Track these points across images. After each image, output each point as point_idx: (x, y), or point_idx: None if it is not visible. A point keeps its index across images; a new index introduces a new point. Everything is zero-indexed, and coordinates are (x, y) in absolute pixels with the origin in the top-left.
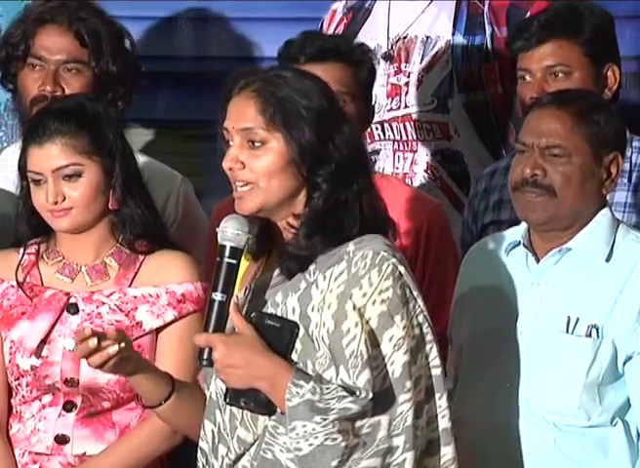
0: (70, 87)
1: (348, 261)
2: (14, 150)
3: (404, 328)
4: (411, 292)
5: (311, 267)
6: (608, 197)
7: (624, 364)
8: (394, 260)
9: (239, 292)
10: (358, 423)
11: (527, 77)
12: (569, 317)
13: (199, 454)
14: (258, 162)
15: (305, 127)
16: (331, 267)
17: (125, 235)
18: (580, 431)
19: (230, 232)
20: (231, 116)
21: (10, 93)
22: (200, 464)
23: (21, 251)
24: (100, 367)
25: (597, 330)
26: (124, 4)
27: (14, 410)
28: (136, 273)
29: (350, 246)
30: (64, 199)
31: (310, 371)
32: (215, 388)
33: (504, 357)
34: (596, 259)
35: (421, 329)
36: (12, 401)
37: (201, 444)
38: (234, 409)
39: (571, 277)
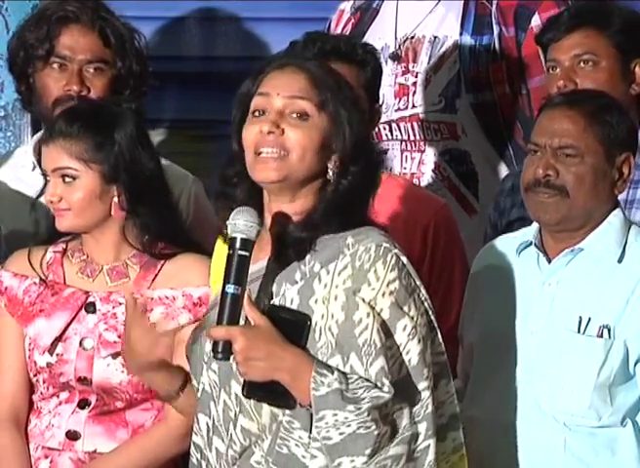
0: (94, 87)
1: (352, 255)
2: (26, 150)
3: (413, 317)
4: (414, 281)
5: (307, 257)
6: (630, 195)
7: (636, 364)
8: (396, 251)
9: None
10: (383, 411)
11: (555, 68)
12: (580, 317)
13: (192, 449)
14: (298, 132)
15: (355, 116)
16: (333, 261)
17: (139, 240)
18: (591, 431)
19: (242, 224)
20: (276, 84)
21: (20, 93)
22: (194, 459)
23: (50, 248)
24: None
25: (609, 330)
26: (131, 4)
27: (35, 406)
28: (156, 275)
29: (349, 239)
30: (61, 199)
31: None
32: (208, 380)
33: (515, 357)
34: (608, 260)
35: (428, 315)
36: (33, 397)
37: (195, 438)
38: (228, 400)
39: (582, 277)
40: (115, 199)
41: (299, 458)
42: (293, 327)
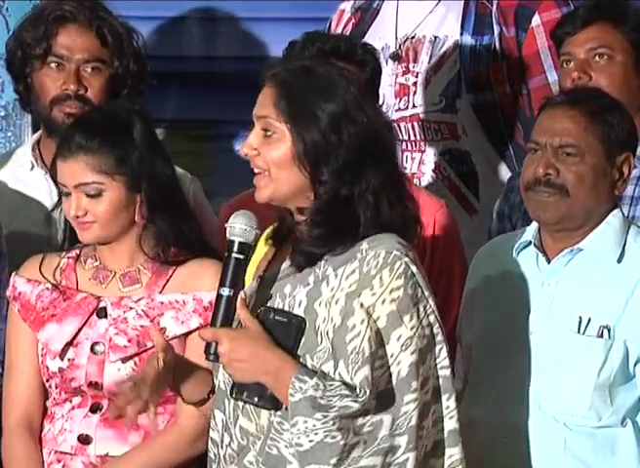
0: (92, 86)
1: (361, 260)
2: (25, 150)
3: (412, 328)
4: (422, 292)
5: (322, 261)
6: (636, 192)
7: (635, 365)
8: (407, 260)
9: (253, 281)
10: (360, 421)
11: (570, 62)
12: (580, 317)
13: (210, 445)
14: (269, 151)
15: (313, 126)
16: (343, 265)
17: (154, 249)
18: (591, 431)
19: (239, 228)
20: (256, 103)
21: (18, 93)
22: (212, 454)
23: (64, 254)
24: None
25: (609, 330)
26: (132, 4)
27: (48, 411)
28: (167, 280)
29: (364, 244)
30: (86, 213)
31: (309, 365)
32: (223, 378)
33: (515, 357)
34: (607, 260)
35: (432, 329)
36: (47, 402)
37: (212, 434)
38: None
39: (582, 277)
40: (138, 206)
41: (287, 459)
42: (286, 329)
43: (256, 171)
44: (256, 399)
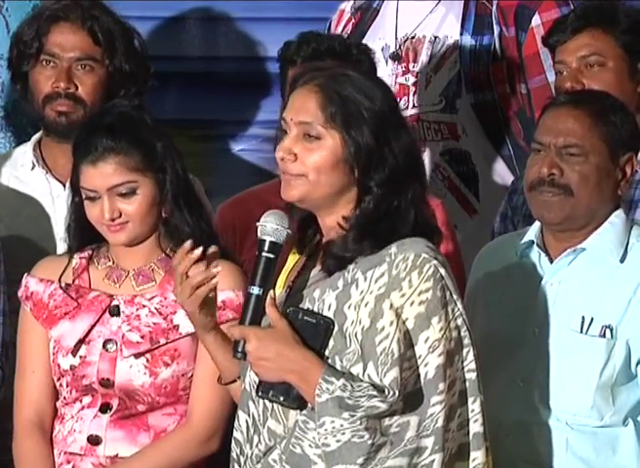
0: (83, 84)
1: (390, 263)
2: (24, 150)
3: (440, 330)
4: (451, 294)
5: (351, 265)
6: (636, 195)
7: (637, 364)
8: (435, 262)
9: (282, 290)
10: (386, 422)
11: (563, 71)
12: (583, 317)
13: (233, 444)
14: (310, 156)
15: (365, 128)
16: (372, 268)
17: (172, 245)
18: (592, 431)
19: (270, 227)
20: (292, 107)
21: (19, 91)
22: (234, 454)
23: (75, 255)
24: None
25: (611, 330)
26: (132, 4)
27: (59, 412)
28: None
29: (392, 248)
30: (120, 215)
31: (339, 367)
32: (249, 380)
33: (518, 356)
34: (610, 260)
35: (459, 332)
36: (57, 403)
37: (235, 434)
38: (267, 401)
39: (585, 277)
40: (164, 202)
41: (310, 459)
42: (314, 330)
43: (285, 175)
44: (281, 398)
